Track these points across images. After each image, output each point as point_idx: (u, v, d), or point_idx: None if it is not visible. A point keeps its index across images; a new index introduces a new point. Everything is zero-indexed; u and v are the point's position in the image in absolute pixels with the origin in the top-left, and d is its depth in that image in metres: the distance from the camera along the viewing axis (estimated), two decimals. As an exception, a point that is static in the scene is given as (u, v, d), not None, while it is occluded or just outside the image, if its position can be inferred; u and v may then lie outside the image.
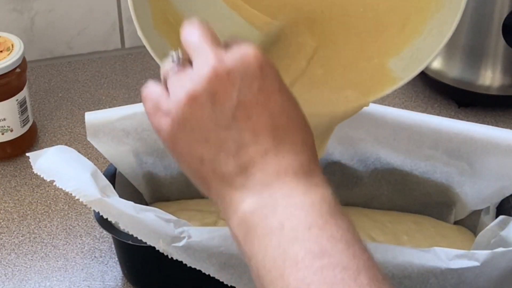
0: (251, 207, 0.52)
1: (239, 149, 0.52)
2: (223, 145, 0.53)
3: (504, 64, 1.00)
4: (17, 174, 0.94)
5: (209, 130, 0.53)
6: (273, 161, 0.52)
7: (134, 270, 0.78)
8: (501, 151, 0.78)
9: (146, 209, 0.71)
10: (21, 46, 0.94)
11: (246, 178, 0.52)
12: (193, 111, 0.52)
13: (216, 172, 0.53)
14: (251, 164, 0.52)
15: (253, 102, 0.52)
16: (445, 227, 0.83)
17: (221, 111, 0.52)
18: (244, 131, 0.52)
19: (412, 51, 0.66)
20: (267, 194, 0.52)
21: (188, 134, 0.53)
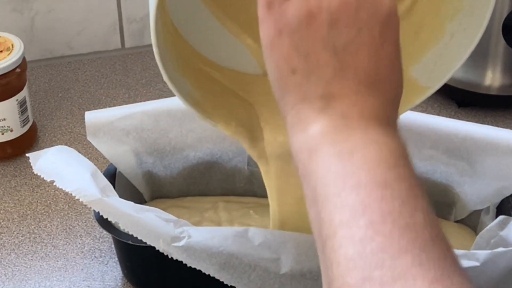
0: (324, 129, 0.52)
1: (334, 78, 0.52)
2: (321, 68, 0.52)
3: (504, 64, 1.00)
4: (17, 174, 0.94)
5: (315, 48, 0.52)
6: (361, 101, 0.52)
7: (134, 270, 0.78)
8: (501, 151, 0.78)
9: (146, 209, 0.71)
10: (21, 46, 0.94)
11: (329, 105, 0.52)
12: (309, 26, 0.52)
13: (302, 87, 0.53)
14: (339, 95, 0.52)
15: (368, 43, 0.52)
16: (446, 225, 0.83)
17: (335, 38, 0.51)
18: (347, 65, 0.52)
19: (435, 58, 0.66)
20: (345, 123, 0.51)
21: (294, 43, 0.52)
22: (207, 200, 0.85)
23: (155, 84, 1.08)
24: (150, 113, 0.82)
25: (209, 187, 0.85)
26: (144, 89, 1.07)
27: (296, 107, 0.53)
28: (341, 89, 0.52)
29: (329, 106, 0.52)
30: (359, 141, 0.51)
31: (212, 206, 0.84)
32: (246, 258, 0.68)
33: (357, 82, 0.52)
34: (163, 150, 0.83)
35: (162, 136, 0.82)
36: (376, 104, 0.52)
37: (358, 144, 0.51)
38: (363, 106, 0.52)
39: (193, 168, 0.84)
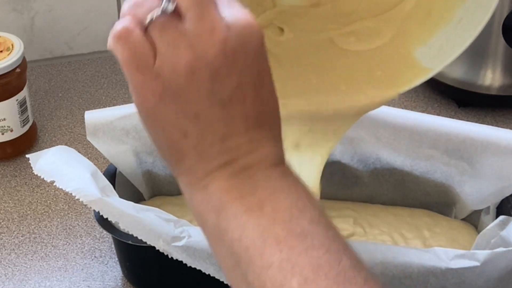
0: (227, 185, 0.50)
1: (228, 132, 0.50)
2: (214, 124, 0.49)
3: (504, 64, 1.00)
4: (17, 174, 0.94)
5: (202, 106, 0.49)
6: (256, 147, 0.51)
7: (134, 270, 0.78)
8: (501, 151, 0.78)
9: (146, 209, 0.71)
10: (21, 46, 0.94)
11: (228, 159, 0.50)
12: (190, 84, 0.48)
13: (197, 148, 0.50)
14: (236, 147, 0.50)
15: (250, 85, 0.49)
16: (449, 222, 0.83)
17: (219, 89, 0.48)
18: (237, 115, 0.49)
19: (441, 41, 0.65)
20: (247, 175, 0.50)
21: (177, 105, 0.49)
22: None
23: (155, 84, 1.08)
24: (150, 113, 0.82)
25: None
26: (144, 89, 1.07)
27: (193, 168, 0.51)
28: (236, 140, 0.50)
29: (228, 161, 0.50)
30: (265, 192, 0.49)
31: None
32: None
33: (248, 129, 0.50)
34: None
35: (162, 136, 0.82)
36: (270, 145, 0.51)
37: (265, 195, 0.49)
38: (259, 152, 0.51)
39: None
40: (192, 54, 0.47)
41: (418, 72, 0.67)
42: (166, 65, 0.48)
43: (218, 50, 0.47)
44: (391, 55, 0.67)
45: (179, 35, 0.47)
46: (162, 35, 0.48)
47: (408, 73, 0.67)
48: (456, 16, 0.65)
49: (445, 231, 0.81)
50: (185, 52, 0.47)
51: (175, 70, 0.48)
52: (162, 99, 0.49)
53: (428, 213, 0.83)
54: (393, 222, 0.82)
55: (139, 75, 0.49)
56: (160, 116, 0.50)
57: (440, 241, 0.80)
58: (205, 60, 0.47)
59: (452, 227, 0.82)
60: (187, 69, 0.47)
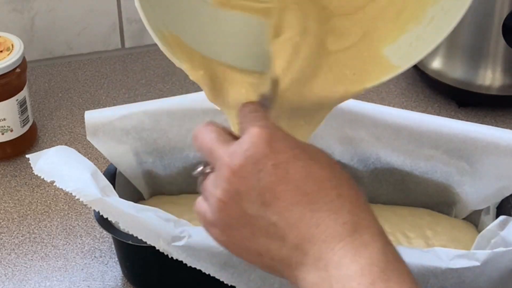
0: (311, 283, 0.52)
1: (283, 231, 0.53)
2: (268, 232, 0.53)
3: (504, 64, 1.00)
4: (17, 174, 0.94)
5: (250, 225, 0.54)
6: (316, 232, 0.52)
7: (134, 270, 0.78)
8: (501, 151, 0.78)
9: (146, 209, 0.71)
10: (21, 46, 0.94)
11: (300, 255, 0.53)
12: (228, 215, 0.54)
13: (275, 259, 0.54)
14: (299, 240, 0.53)
15: (274, 180, 0.53)
16: (450, 221, 0.83)
17: (250, 204, 0.53)
18: (279, 213, 0.53)
19: (410, 39, 0.65)
20: (322, 268, 0.52)
21: (237, 236, 0.55)
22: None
23: (155, 84, 1.08)
24: (149, 113, 0.82)
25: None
26: (144, 89, 1.07)
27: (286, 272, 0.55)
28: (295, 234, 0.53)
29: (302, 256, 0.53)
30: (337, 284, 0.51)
31: None
32: (246, 258, 0.67)
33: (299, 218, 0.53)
34: (163, 149, 0.83)
35: (162, 136, 0.82)
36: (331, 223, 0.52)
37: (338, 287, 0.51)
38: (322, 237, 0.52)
39: (193, 168, 0.84)
40: (217, 191, 0.55)
41: (386, 70, 0.66)
42: (212, 211, 0.55)
43: (229, 174, 0.54)
44: (360, 53, 0.67)
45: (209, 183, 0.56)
46: (204, 191, 0.57)
47: (376, 70, 0.67)
48: (427, 16, 0.65)
49: (447, 230, 0.81)
50: (214, 193, 0.55)
51: (215, 212, 0.55)
52: (228, 239, 0.56)
53: (429, 212, 0.83)
54: (396, 221, 0.82)
55: (208, 230, 0.57)
56: (238, 251, 0.57)
57: (442, 240, 0.80)
58: (225, 189, 0.54)
59: (453, 226, 0.82)
60: (220, 205, 0.54)
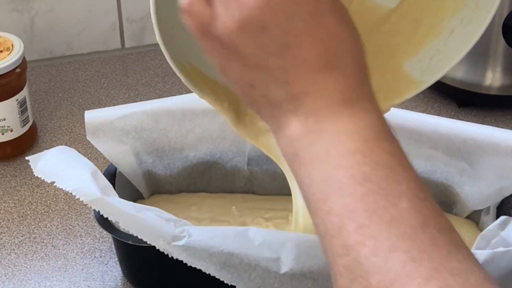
0: (297, 131, 0.52)
1: (289, 78, 0.52)
2: (274, 72, 0.52)
3: (504, 64, 1.00)
4: (17, 174, 0.94)
5: (259, 57, 0.52)
6: (322, 87, 0.52)
7: (134, 270, 0.78)
8: (501, 151, 0.78)
9: (146, 209, 0.71)
10: (21, 46, 0.94)
11: (295, 105, 0.52)
12: (244, 39, 0.52)
13: (266, 97, 0.53)
14: (301, 92, 0.52)
15: (304, 28, 0.51)
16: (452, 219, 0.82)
17: (272, 39, 0.51)
18: (295, 60, 0.51)
19: (431, 53, 0.65)
20: (314, 119, 0.52)
21: (238, 60, 0.53)
22: (198, 196, 0.85)
23: (155, 84, 1.08)
24: (149, 113, 0.82)
25: (209, 187, 0.85)
26: (144, 89, 1.07)
27: (271, 115, 0.54)
28: (299, 85, 0.52)
29: (296, 105, 0.52)
30: (331, 137, 0.51)
31: (197, 203, 0.84)
32: (247, 258, 0.67)
33: (311, 72, 0.52)
34: (163, 149, 0.83)
35: (162, 136, 0.82)
36: (338, 86, 0.52)
37: (330, 140, 0.51)
38: (325, 95, 0.52)
39: (193, 168, 0.84)
40: (240, 12, 0.51)
41: (409, 86, 0.66)
42: (222, 27, 0.52)
43: (262, 2, 0.50)
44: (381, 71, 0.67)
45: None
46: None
47: (400, 86, 0.67)
48: (446, 29, 0.64)
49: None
50: (235, 11, 0.51)
51: (229, 30, 0.52)
52: (226, 57, 0.53)
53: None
54: None
55: (204, 40, 0.53)
56: (229, 72, 0.54)
57: None
58: (250, 15, 0.51)
59: (456, 224, 0.82)
60: (238, 27, 0.51)
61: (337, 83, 0.52)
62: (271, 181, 0.84)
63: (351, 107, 0.52)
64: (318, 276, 0.68)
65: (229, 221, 0.82)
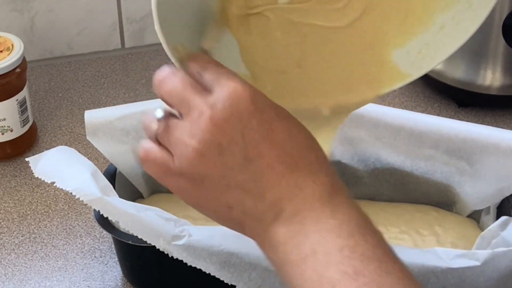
0: (283, 237, 0.53)
1: (262, 188, 0.53)
2: (246, 187, 0.53)
3: (504, 64, 1.00)
4: (17, 174, 0.94)
5: (227, 177, 0.53)
6: (296, 189, 0.53)
7: (134, 270, 0.78)
8: (501, 151, 0.78)
9: (146, 208, 0.71)
10: (21, 46, 0.94)
11: (276, 211, 0.53)
12: (205, 166, 0.53)
13: (246, 213, 0.54)
14: (278, 198, 0.53)
15: (258, 138, 0.52)
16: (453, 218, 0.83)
17: (232, 158, 0.52)
18: (261, 169, 0.53)
19: (419, 46, 0.65)
20: (297, 221, 0.52)
21: (208, 188, 0.54)
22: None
23: (155, 84, 1.08)
24: (150, 113, 0.82)
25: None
26: (144, 89, 1.07)
27: (255, 230, 0.54)
28: (274, 192, 0.53)
29: (277, 213, 0.53)
30: (316, 236, 0.52)
31: None
32: (247, 257, 0.67)
33: (280, 176, 0.53)
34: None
35: (162, 136, 0.82)
36: (310, 183, 0.53)
37: (316, 239, 0.51)
38: (301, 196, 0.53)
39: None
40: (194, 141, 0.52)
41: (396, 76, 0.66)
42: (181, 161, 0.53)
43: (211, 127, 0.52)
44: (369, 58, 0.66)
45: (180, 131, 0.53)
46: (169, 138, 0.54)
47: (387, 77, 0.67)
48: (436, 23, 0.64)
49: (455, 227, 0.81)
50: (189, 142, 0.52)
51: (189, 161, 0.53)
52: (195, 190, 0.54)
53: (434, 209, 0.83)
54: (408, 219, 0.82)
55: (168, 180, 0.55)
56: (203, 202, 0.55)
57: (452, 237, 0.80)
58: (204, 140, 0.52)
59: (459, 223, 0.82)
60: (196, 155, 0.52)
61: (308, 181, 0.53)
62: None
63: (328, 204, 0.53)
64: (318, 276, 0.67)
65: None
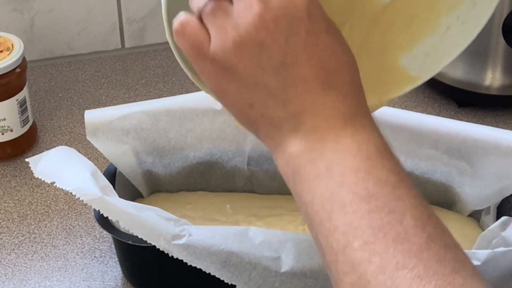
0: (298, 150, 0.52)
1: (289, 96, 0.52)
2: (272, 90, 0.52)
3: (504, 64, 1.00)
4: (17, 174, 0.94)
5: (257, 76, 0.52)
6: (322, 106, 0.52)
7: (134, 270, 0.78)
8: (501, 151, 0.78)
9: (146, 208, 0.71)
10: (21, 46, 0.94)
11: (295, 123, 0.52)
12: (240, 59, 0.52)
13: (265, 116, 0.53)
14: (300, 110, 0.52)
15: (301, 46, 0.51)
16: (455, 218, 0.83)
17: (269, 57, 0.51)
18: (293, 78, 0.51)
19: (427, 49, 0.65)
20: (315, 138, 0.52)
21: (236, 80, 0.52)
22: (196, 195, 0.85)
23: (155, 84, 1.08)
24: (149, 113, 0.82)
25: (209, 187, 0.85)
26: (144, 89, 1.07)
27: (269, 135, 0.54)
28: (298, 103, 0.52)
29: (296, 124, 0.52)
30: (333, 155, 0.51)
31: (193, 201, 0.84)
32: (247, 256, 0.67)
33: (310, 90, 0.52)
34: (163, 149, 0.83)
35: (162, 136, 0.82)
36: (337, 104, 0.52)
37: (332, 158, 0.51)
38: (325, 113, 0.52)
39: (193, 168, 0.84)
40: (236, 32, 0.51)
41: (405, 80, 0.66)
42: (218, 47, 0.52)
43: (258, 22, 0.50)
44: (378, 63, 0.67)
45: (226, 17, 0.51)
46: (214, 20, 0.52)
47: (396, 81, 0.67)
48: (442, 25, 0.64)
49: (455, 226, 0.81)
50: (231, 31, 0.51)
51: (226, 50, 0.51)
52: (222, 78, 0.53)
53: (434, 208, 0.83)
54: None
55: (199, 61, 0.53)
56: (226, 93, 0.54)
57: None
58: (247, 34, 0.51)
59: (459, 222, 0.82)
60: (235, 46, 0.51)
61: (336, 101, 0.52)
62: (271, 181, 0.84)
63: (351, 125, 0.52)
64: (318, 275, 0.67)
65: (221, 219, 0.82)
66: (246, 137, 0.82)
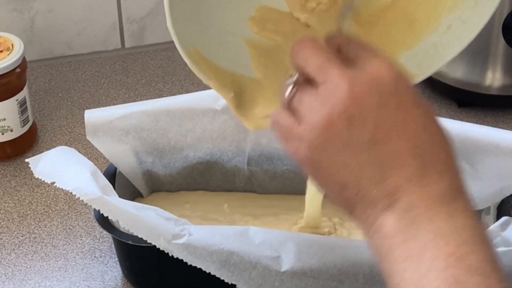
0: (392, 229, 0.51)
1: (382, 174, 0.51)
2: (365, 169, 0.51)
3: (504, 64, 1.00)
4: (17, 174, 0.94)
5: (348, 155, 0.51)
6: (417, 185, 0.51)
7: (134, 270, 0.78)
8: (501, 151, 0.78)
9: (146, 208, 0.71)
10: (21, 46, 0.94)
11: (391, 201, 0.51)
12: (330, 136, 0.51)
13: (359, 195, 0.52)
14: (396, 188, 0.51)
15: (392, 122, 0.50)
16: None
17: (359, 134, 0.51)
18: (386, 154, 0.51)
19: (427, 47, 0.65)
20: (410, 217, 0.50)
21: (327, 159, 0.52)
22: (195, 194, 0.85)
23: (155, 84, 1.08)
24: (149, 113, 0.82)
25: (209, 187, 0.85)
26: (144, 89, 1.07)
27: (364, 214, 0.52)
28: (393, 180, 0.51)
29: (391, 203, 0.51)
30: (427, 237, 0.50)
31: (192, 200, 0.84)
32: (247, 256, 0.67)
33: (404, 168, 0.51)
34: (163, 149, 0.83)
35: (162, 136, 0.82)
36: (433, 183, 0.51)
37: (426, 241, 0.50)
38: (421, 191, 0.51)
39: (193, 168, 0.84)
40: (324, 109, 0.51)
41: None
42: (307, 126, 0.52)
43: (347, 99, 0.50)
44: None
45: (313, 98, 0.52)
46: (300, 104, 0.53)
47: None
48: (443, 24, 0.64)
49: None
50: (319, 109, 0.51)
51: (314, 128, 0.51)
52: (312, 158, 0.52)
53: None
54: None
55: (289, 144, 0.54)
56: (318, 173, 0.53)
57: None
58: (337, 111, 0.50)
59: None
60: (324, 124, 0.51)
61: (431, 180, 0.51)
62: (271, 180, 0.84)
63: (447, 206, 0.51)
64: (318, 275, 0.67)
65: (219, 218, 0.82)
66: (246, 137, 0.82)
